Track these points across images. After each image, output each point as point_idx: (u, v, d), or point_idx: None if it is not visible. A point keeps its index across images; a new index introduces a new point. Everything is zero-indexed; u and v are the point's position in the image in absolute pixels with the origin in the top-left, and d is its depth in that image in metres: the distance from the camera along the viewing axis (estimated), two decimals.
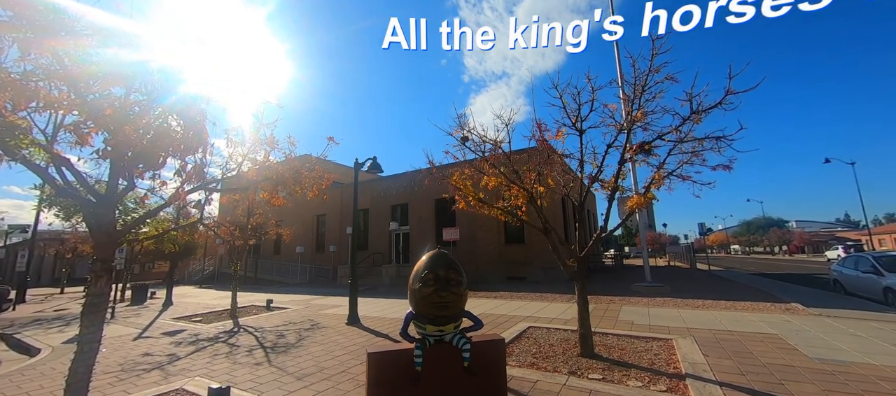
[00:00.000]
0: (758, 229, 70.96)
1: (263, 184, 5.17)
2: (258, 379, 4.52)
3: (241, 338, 6.85)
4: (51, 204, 14.50)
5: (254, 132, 4.72)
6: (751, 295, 10.24)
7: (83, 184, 3.18)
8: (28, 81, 2.56)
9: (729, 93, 4.04)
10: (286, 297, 13.45)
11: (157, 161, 2.95)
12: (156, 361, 5.45)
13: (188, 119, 3.01)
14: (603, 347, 5.25)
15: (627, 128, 4.75)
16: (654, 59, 4.42)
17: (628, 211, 5.03)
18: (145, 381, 4.56)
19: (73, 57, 2.68)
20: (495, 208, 5.63)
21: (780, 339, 5.55)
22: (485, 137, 5.71)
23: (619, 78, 5.16)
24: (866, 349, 4.99)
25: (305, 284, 20.42)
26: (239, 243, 10.22)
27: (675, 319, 7.16)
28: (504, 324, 7.14)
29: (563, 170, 5.99)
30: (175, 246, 13.92)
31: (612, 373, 4.23)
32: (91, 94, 2.72)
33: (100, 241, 3.09)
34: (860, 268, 9.89)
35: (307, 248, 23.85)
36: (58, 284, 24.98)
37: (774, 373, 4.17)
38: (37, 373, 5.10)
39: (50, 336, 7.66)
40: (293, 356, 5.52)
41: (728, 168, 4.37)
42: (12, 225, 26.38)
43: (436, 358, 2.75)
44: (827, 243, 50.89)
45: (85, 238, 19.70)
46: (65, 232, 24.23)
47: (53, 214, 15.46)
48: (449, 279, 2.72)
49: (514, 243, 17.32)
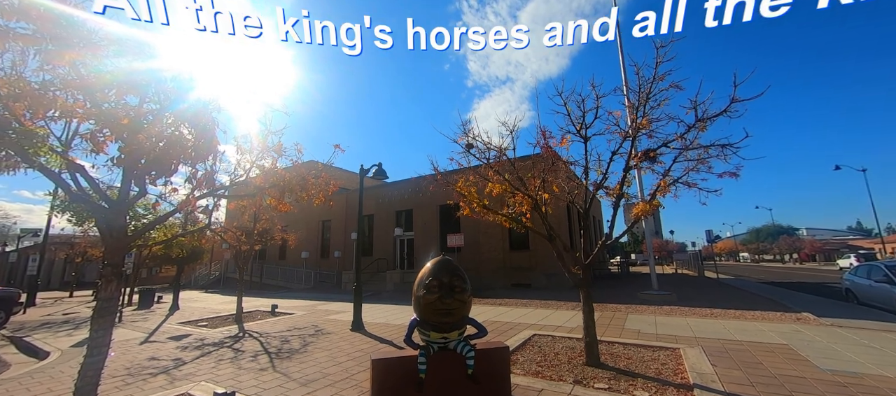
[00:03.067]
0: (767, 236, 69.86)
1: (270, 190, 5.23)
2: (263, 385, 4.53)
3: (246, 343, 6.89)
4: (64, 209, 14.79)
5: (262, 139, 4.80)
6: (760, 303, 10.07)
7: (96, 191, 3.26)
8: (46, 91, 2.65)
9: (734, 100, 4.03)
10: (291, 302, 13.50)
11: (169, 168, 3.02)
12: (162, 365, 5.49)
13: (199, 127, 3.09)
14: (609, 356, 5.19)
15: (632, 136, 4.75)
16: (658, 67, 4.43)
17: (634, 219, 5.01)
18: (151, 385, 4.60)
19: (90, 66, 2.78)
20: (500, 215, 5.64)
21: (790, 350, 5.45)
22: (489, 144, 5.74)
23: (624, 85, 5.17)
24: (880, 360, 4.88)
25: (310, 289, 20.48)
26: (245, 248, 10.32)
27: (683, 328, 7.06)
28: (508, 332, 7.10)
29: (568, 176, 5.99)
30: (182, 251, 14.08)
31: (618, 383, 4.18)
32: (106, 103, 2.80)
33: (111, 246, 3.16)
34: (873, 278, 9.68)
35: (312, 254, 23.97)
36: (67, 288, 25.34)
37: (784, 385, 4.09)
38: (46, 376, 5.17)
39: (59, 340, 7.76)
40: (297, 361, 5.53)
41: (734, 175, 4.35)
42: (24, 230, 26.84)
43: (439, 366, 2.75)
44: (838, 251, 49.87)
45: (95, 242, 20.01)
46: (75, 236, 24.61)
47: (66, 219, 15.76)
48: (453, 286, 2.73)
49: (518, 250, 17.25)
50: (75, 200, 3.31)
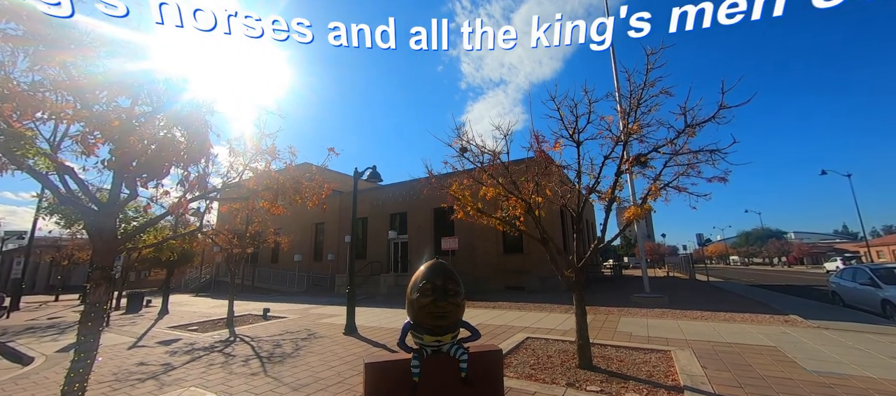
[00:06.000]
0: (756, 240, 71.01)
1: (264, 193, 5.20)
2: (254, 390, 4.48)
3: (237, 348, 6.80)
4: (52, 211, 14.49)
5: (255, 141, 4.77)
6: (749, 306, 10.22)
7: (86, 193, 3.21)
8: (35, 92, 2.62)
9: (722, 107, 4.12)
10: (283, 306, 13.36)
11: (160, 171, 3.00)
12: (150, 370, 5.40)
13: (191, 129, 3.07)
14: (601, 358, 5.23)
15: (624, 140, 4.82)
16: (649, 73, 4.51)
17: (626, 222, 5.08)
18: (140, 391, 4.52)
19: (81, 68, 2.75)
20: (494, 218, 5.67)
21: (778, 351, 5.54)
22: (483, 148, 5.78)
23: (616, 91, 5.25)
24: (864, 361, 4.99)
25: (303, 293, 20.28)
26: (237, 251, 10.21)
27: (674, 330, 7.14)
28: (502, 335, 7.11)
29: (561, 180, 6.05)
30: (172, 254, 13.87)
31: (610, 385, 4.22)
32: (97, 105, 2.78)
33: (100, 249, 3.11)
34: (858, 280, 9.90)
35: (305, 257, 23.75)
36: (52, 292, 24.75)
37: (772, 386, 4.17)
38: (30, 382, 5.05)
39: (43, 345, 7.58)
40: (289, 366, 5.48)
41: (723, 180, 4.44)
42: (9, 232, 26.19)
43: (433, 369, 2.75)
44: (825, 254, 50.87)
45: (82, 245, 19.62)
46: (61, 239, 24.10)
47: (54, 222, 15.41)
48: (447, 289, 2.73)
49: (512, 253, 17.30)
50: (64, 203, 3.27)
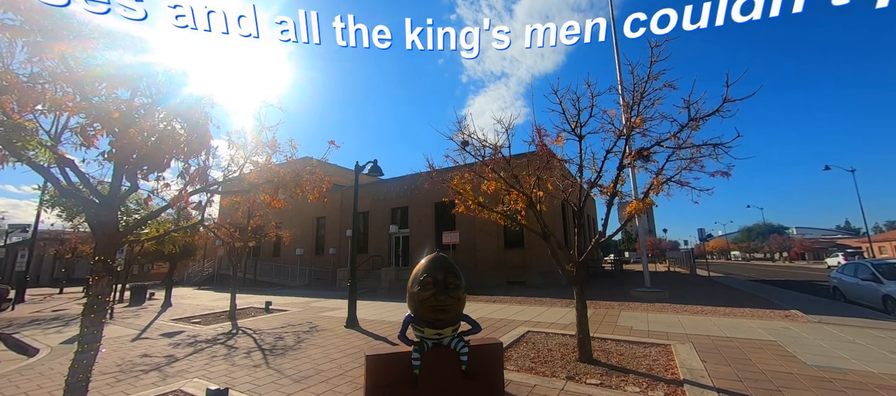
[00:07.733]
0: (758, 235, 70.90)
1: (264, 186, 5.19)
2: (256, 381, 4.52)
3: (239, 340, 6.85)
4: (53, 204, 14.54)
5: (256, 134, 4.75)
6: (750, 301, 10.23)
7: (87, 186, 3.21)
8: (34, 84, 2.60)
9: (726, 100, 4.08)
10: (285, 299, 13.44)
11: (161, 163, 2.99)
12: (154, 362, 5.45)
13: (192, 122, 3.05)
14: (601, 352, 5.25)
15: (626, 134, 4.79)
16: (652, 66, 4.46)
17: (627, 217, 5.06)
18: (143, 382, 4.57)
19: (80, 59, 2.73)
20: (495, 212, 5.66)
21: (778, 346, 5.55)
22: (485, 142, 5.75)
23: (618, 85, 5.20)
24: (865, 357, 4.99)
25: (304, 286, 20.40)
26: (238, 245, 10.24)
27: (674, 325, 7.16)
28: (502, 328, 7.14)
29: (563, 174, 6.02)
30: (175, 248, 13.92)
31: (610, 379, 4.23)
32: (96, 97, 2.76)
33: (102, 242, 3.12)
34: (860, 276, 9.89)
35: (306, 251, 23.85)
36: (57, 284, 24.97)
37: (772, 380, 4.18)
38: (35, 373, 5.10)
39: (48, 337, 7.66)
40: (291, 358, 5.52)
41: (726, 174, 4.41)
42: (12, 225, 26.34)
43: (434, 362, 2.76)
44: (827, 250, 50.76)
45: (85, 238, 19.73)
46: (65, 232, 24.23)
47: (56, 215, 15.48)
48: (448, 282, 2.74)
49: (513, 247, 17.32)
50: (65, 195, 3.27)
